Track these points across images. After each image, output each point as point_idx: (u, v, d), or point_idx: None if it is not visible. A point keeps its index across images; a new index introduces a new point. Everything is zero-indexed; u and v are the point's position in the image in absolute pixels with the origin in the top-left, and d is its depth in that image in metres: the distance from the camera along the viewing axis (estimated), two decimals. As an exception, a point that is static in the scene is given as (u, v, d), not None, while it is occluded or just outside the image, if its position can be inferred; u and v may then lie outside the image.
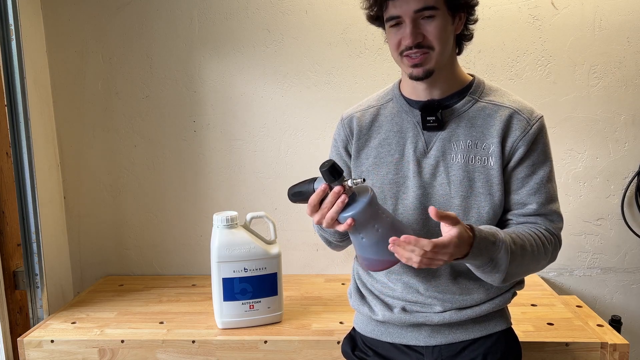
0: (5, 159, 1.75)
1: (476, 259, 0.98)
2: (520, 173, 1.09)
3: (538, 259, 1.06)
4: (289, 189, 1.08)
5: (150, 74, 1.90)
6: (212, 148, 1.94)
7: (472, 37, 1.13)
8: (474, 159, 1.08)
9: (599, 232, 1.90)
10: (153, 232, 2.00)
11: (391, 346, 1.18)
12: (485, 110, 1.10)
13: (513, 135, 1.07)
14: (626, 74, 1.81)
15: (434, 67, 1.04)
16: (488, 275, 1.03)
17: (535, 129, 1.08)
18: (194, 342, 1.47)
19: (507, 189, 1.10)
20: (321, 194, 0.98)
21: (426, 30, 1.02)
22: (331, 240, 1.21)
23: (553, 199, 1.11)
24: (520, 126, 1.07)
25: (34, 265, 1.70)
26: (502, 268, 1.00)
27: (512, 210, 1.11)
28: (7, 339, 1.70)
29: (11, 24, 1.61)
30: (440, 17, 1.02)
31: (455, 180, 1.08)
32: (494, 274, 1.02)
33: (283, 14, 1.85)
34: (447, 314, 1.12)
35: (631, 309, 1.93)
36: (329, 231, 1.15)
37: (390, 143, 1.13)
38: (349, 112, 1.21)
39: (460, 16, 1.07)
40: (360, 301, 1.21)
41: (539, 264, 1.08)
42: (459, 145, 1.09)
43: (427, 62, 1.04)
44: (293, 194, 1.07)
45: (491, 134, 1.08)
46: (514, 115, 1.08)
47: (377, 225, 0.98)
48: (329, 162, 0.95)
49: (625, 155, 1.86)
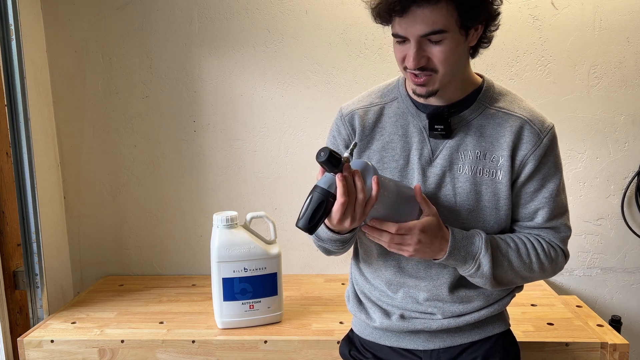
0: (5, 159, 1.75)
1: (455, 256, 1.00)
2: (530, 187, 1.06)
3: (532, 265, 1.06)
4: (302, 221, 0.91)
5: (150, 74, 1.90)
6: (212, 148, 1.94)
7: (490, 42, 1.05)
8: (482, 170, 1.04)
9: (599, 232, 1.90)
10: (153, 232, 2.00)
11: (389, 349, 1.17)
12: (495, 119, 1.05)
13: (524, 148, 1.04)
14: (626, 74, 1.81)
15: (437, 88, 1.00)
16: (476, 278, 1.05)
17: (546, 141, 1.04)
18: (194, 342, 1.47)
19: (515, 202, 1.07)
20: (344, 189, 0.89)
21: (431, 53, 0.95)
22: (331, 249, 1.12)
23: (562, 212, 1.09)
24: (531, 139, 1.04)
25: (34, 265, 1.70)
26: (486, 268, 1.02)
27: (519, 221, 1.10)
28: (7, 339, 1.70)
29: (11, 24, 1.60)
30: (449, 40, 0.94)
31: (462, 192, 1.05)
32: (481, 276, 1.03)
33: (283, 14, 1.85)
34: (446, 321, 1.11)
35: (631, 309, 1.93)
36: (330, 241, 1.07)
37: (395, 147, 1.08)
38: (349, 108, 1.13)
39: (476, 28, 0.99)
40: (358, 307, 1.20)
41: (534, 271, 1.07)
42: (467, 155, 1.05)
43: (431, 84, 0.99)
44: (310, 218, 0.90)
45: (501, 145, 1.04)
46: (525, 127, 1.04)
47: (386, 192, 0.96)
48: (325, 151, 0.87)
49: (625, 155, 1.86)
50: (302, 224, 0.90)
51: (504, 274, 1.05)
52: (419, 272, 1.11)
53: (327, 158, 0.87)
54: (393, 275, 1.12)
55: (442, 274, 1.10)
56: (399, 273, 1.12)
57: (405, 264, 1.11)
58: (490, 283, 1.04)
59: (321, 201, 0.90)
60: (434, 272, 1.10)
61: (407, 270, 1.11)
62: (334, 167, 0.88)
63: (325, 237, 1.05)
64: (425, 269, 1.10)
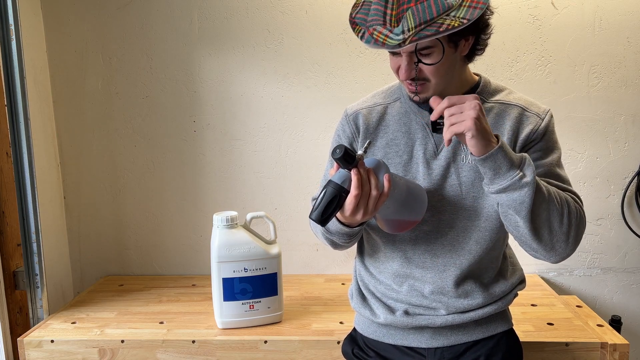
0: (5, 159, 1.75)
1: (505, 151, 0.93)
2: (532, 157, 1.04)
3: (564, 206, 0.99)
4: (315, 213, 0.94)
5: (150, 74, 1.90)
6: (212, 148, 1.94)
7: (484, 48, 1.07)
8: None
9: (599, 232, 1.90)
10: (153, 232, 2.00)
11: (393, 348, 1.18)
12: (494, 110, 1.08)
13: (526, 130, 1.06)
14: (626, 74, 1.81)
15: (432, 95, 1.01)
16: (515, 194, 0.94)
17: (546, 121, 1.07)
18: (194, 342, 1.47)
19: None
20: (359, 182, 0.93)
21: (422, 65, 0.99)
22: (338, 242, 1.14)
23: (567, 181, 1.07)
24: (532, 121, 1.06)
25: (34, 265, 1.70)
26: (529, 178, 0.93)
27: None
28: (7, 339, 1.70)
29: (11, 24, 1.60)
30: (438, 53, 0.97)
31: (466, 181, 1.07)
32: (523, 186, 0.93)
33: (283, 14, 1.85)
34: (450, 317, 1.12)
35: (631, 309, 1.93)
36: (338, 234, 1.09)
37: (398, 144, 1.12)
38: (354, 108, 1.18)
39: (467, 39, 1.01)
40: (362, 303, 1.20)
41: (564, 215, 0.99)
42: None
43: (425, 91, 1.03)
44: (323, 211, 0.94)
45: (501, 132, 1.06)
46: (524, 113, 1.07)
47: (396, 190, 0.99)
48: (341, 148, 0.92)
49: (625, 155, 1.86)
50: (315, 216, 0.94)
51: (541, 202, 0.97)
52: (426, 262, 1.11)
53: (342, 155, 0.91)
54: (400, 266, 1.13)
55: (449, 265, 1.10)
56: (406, 263, 1.13)
57: (412, 254, 1.12)
58: (527, 207, 0.95)
59: (334, 195, 0.94)
60: (440, 263, 1.11)
61: (414, 261, 1.12)
62: (349, 163, 0.93)
63: (334, 230, 1.08)
64: (432, 258, 1.11)
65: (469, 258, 1.09)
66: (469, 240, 1.09)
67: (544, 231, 0.99)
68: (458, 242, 1.10)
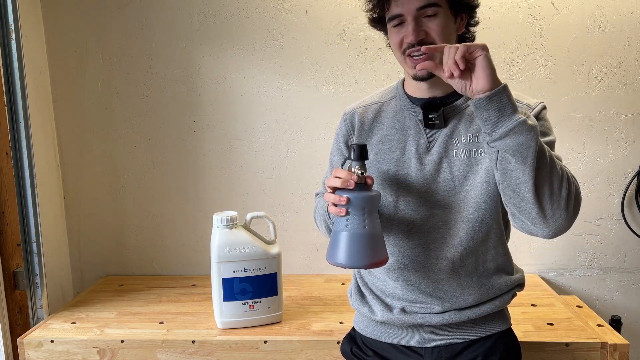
0: (5, 159, 1.75)
1: (509, 93, 0.92)
2: None
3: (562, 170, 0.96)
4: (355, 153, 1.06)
5: (150, 74, 1.90)
6: (212, 148, 1.94)
7: (474, 40, 1.14)
8: (477, 152, 1.08)
9: (599, 232, 1.90)
10: (153, 232, 2.00)
11: (391, 347, 1.18)
12: None
13: None
14: (626, 74, 1.81)
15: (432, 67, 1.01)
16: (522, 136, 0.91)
17: (537, 110, 1.06)
18: (194, 342, 1.47)
19: None
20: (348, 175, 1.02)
21: (428, 27, 1.03)
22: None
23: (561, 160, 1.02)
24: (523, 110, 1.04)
25: (34, 265, 1.70)
26: (534, 122, 0.92)
27: None
28: (7, 339, 1.70)
29: (11, 24, 1.61)
30: (443, 15, 1.03)
31: (459, 175, 1.09)
32: (529, 130, 0.90)
33: (283, 14, 1.85)
34: (447, 314, 1.12)
35: (631, 309, 1.93)
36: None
37: (392, 140, 1.14)
38: (351, 108, 1.23)
39: (462, 17, 1.09)
40: (361, 301, 1.22)
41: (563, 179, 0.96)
42: (460, 141, 1.09)
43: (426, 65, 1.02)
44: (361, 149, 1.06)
45: None
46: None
47: (366, 222, 1.01)
48: (362, 143, 1.06)
49: (625, 155, 1.86)
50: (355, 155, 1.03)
51: (543, 156, 0.94)
52: (419, 256, 1.12)
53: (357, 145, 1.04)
54: (394, 261, 1.14)
55: (441, 258, 1.11)
56: (400, 258, 1.14)
57: (405, 249, 1.13)
58: (533, 153, 0.91)
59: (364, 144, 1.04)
60: (433, 256, 1.11)
61: (407, 255, 1.13)
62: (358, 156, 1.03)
63: None
64: (425, 252, 1.12)
65: (460, 250, 1.10)
66: (459, 232, 1.10)
67: (545, 189, 0.94)
68: (449, 235, 1.11)
